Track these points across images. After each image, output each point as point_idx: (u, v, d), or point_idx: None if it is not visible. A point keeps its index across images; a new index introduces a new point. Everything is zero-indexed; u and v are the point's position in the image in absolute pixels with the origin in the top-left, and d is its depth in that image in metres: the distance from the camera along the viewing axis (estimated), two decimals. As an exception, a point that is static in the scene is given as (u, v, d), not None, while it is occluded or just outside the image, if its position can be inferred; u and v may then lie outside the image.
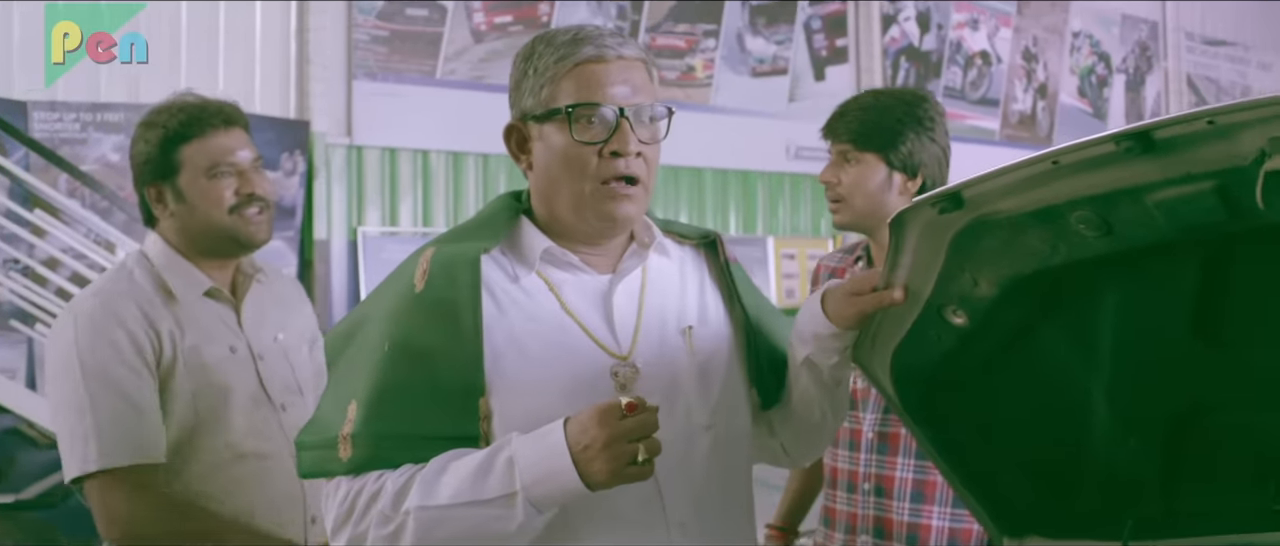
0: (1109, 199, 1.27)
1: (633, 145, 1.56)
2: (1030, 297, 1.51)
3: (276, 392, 2.16)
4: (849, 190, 2.28)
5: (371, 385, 1.52)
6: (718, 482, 1.64)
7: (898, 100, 2.32)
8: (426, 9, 7.90)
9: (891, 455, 2.27)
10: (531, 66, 1.62)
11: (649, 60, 1.63)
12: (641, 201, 1.60)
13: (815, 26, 10.04)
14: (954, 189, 1.38)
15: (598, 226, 1.61)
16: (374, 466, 1.50)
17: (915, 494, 2.24)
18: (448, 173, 7.96)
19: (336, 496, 1.52)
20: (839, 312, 1.62)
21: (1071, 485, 1.74)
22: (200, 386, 2.07)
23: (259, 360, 2.16)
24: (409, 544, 1.45)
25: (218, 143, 2.12)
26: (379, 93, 7.66)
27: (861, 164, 2.27)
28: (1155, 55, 13.05)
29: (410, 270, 1.60)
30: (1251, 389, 1.52)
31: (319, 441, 1.56)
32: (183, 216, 2.13)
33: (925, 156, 2.27)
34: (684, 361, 1.64)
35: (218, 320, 2.15)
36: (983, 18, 11.25)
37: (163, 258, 2.14)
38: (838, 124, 2.32)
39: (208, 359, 2.09)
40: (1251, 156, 1.13)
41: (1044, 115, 11.81)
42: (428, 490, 1.45)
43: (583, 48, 1.57)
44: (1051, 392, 1.67)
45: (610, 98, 1.56)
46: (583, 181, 1.57)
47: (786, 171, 9.72)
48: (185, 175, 2.12)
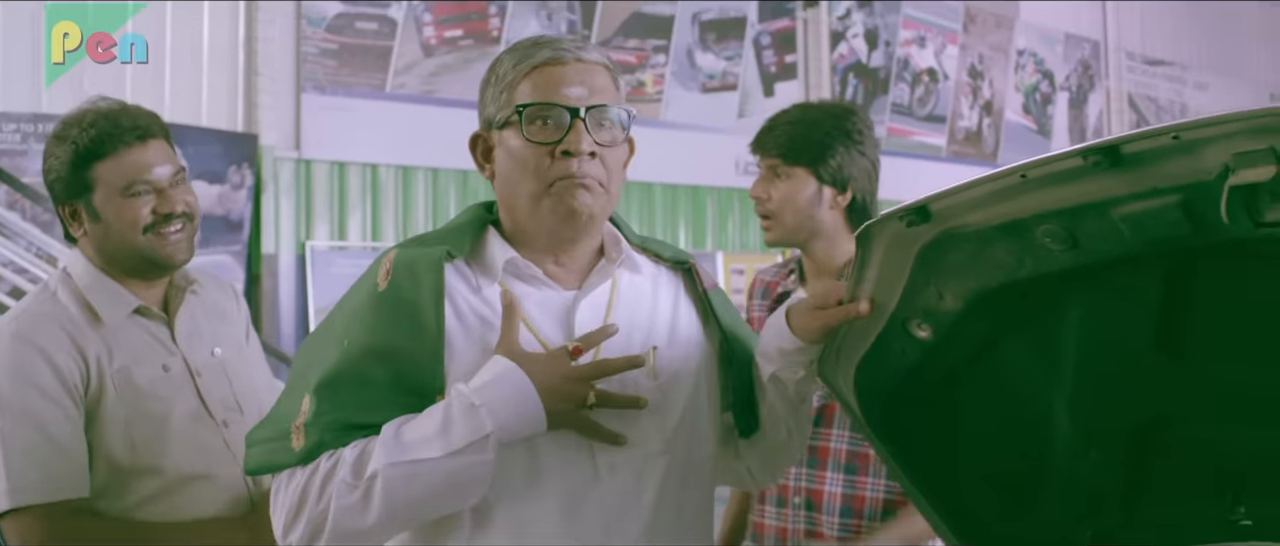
0: (1075, 213, 1.28)
1: (586, 145, 1.53)
2: (995, 311, 1.51)
3: (217, 409, 2.07)
4: (779, 206, 2.27)
5: (328, 377, 1.50)
6: (670, 510, 1.60)
7: (825, 114, 2.31)
8: (376, 22, 7.86)
9: (820, 469, 2.25)
10: (494, 73, 1.61)
11: (611, 65, 1.61)
12: (600, 198, 1.57)
13: (765, 42, 10.11)
14: (922, 202, 1.38)
15: (555, 225, 1.57)
16: (325, 451, 1.47)
17: (845, 509, 2.22)
18: (397, 187, 7.90)
19: (287, 488, 1.48)
20: (804, 326, 1.60)
21: (1032, 497, 1.75)
22: (133, 412, 1.96)
23: (197, 377, 2.07)
24: (378, 505, 1.43)
25: (133, 160, 2.00)
26: (328, 106, 7.60)
27: (791, 179, 2.25)
28: (1097, 74, 13.28)
29: (374, 272, 1.58)
30: (1212, 401, 1.54)
31: (271, 435, 1.53)
32: (98, 236, 2.02)
33: (855, 169, 2.26)
34: (646, 383, 1.60)
35: (149, 339, 2.04)
36: (930, 35, 11.39)
37: (86, 277, 2.03)
38: (767, 138, 2.30)
39: (140, 381, 1.98)
40: (1215, 171, 1.14)
41: (990, 132, 11.96)
42: (392, 449, 1.43)
43: (541, 51, 1.57)
44: (1014, 405, 1.68)
45: (565, 98, 1.54)
46: (536, 182, 1.54)
47: (736, 186, 9.76)
48: (99, 194, 2.00)
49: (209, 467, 2.03)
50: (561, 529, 1.51)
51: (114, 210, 2.00)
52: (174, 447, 1.99)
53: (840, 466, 2.22)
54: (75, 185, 2.01)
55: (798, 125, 2.28)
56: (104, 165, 1.99)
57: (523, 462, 1.51)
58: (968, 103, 11.73)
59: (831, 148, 2.23)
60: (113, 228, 2.00)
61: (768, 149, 2.29)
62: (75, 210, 2.03)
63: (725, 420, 1.75)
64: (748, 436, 1.76)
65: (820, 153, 2.23)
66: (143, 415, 1.97)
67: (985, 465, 1.76)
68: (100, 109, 2.04)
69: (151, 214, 2.00)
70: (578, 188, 1.54)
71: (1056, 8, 12.72)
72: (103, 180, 1.99)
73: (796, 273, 2.39)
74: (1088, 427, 1.65)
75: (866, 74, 10.81)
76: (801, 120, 2.29)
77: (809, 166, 2.23)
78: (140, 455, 1.97)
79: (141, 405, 1.98)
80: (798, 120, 2.29)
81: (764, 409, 1.73)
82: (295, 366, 1.62)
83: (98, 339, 1.98)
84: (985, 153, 11.78)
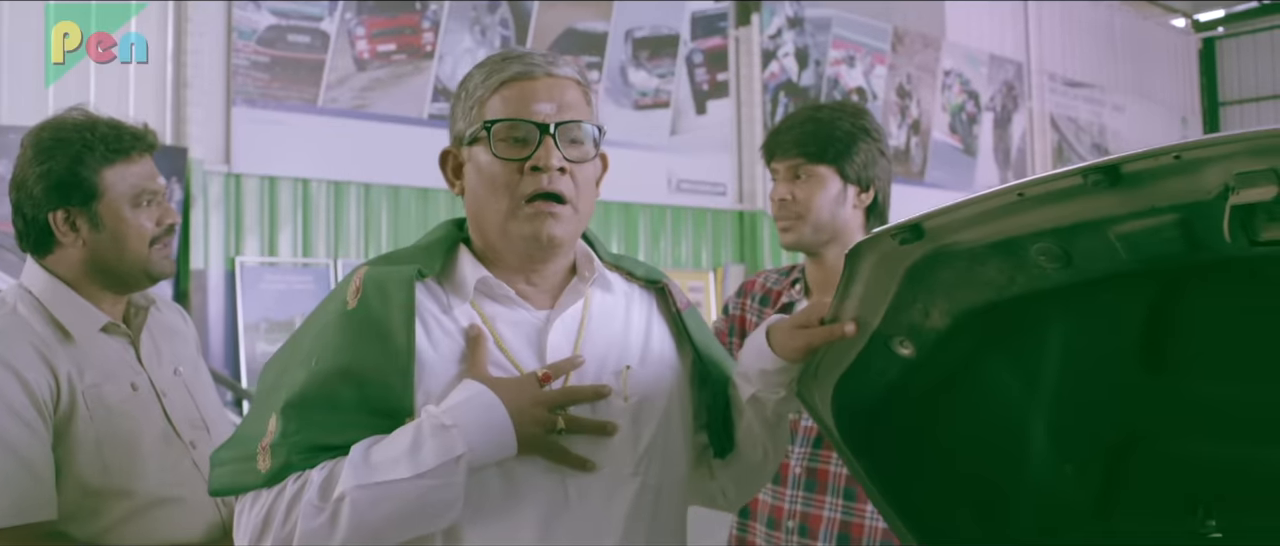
0: (1071, 231, 1.29)
1: (555, 160, 1.51)
2: (980, 328, 1.52)
3: (185, 429, 2.01)
4: (805, 205, 2.18)
5: (296, 397, 1.46)
6: (642, 533, 1.58)
7: (841, 112, 2.24)
8: (308, 35, 7.77)
9: (819, 493, 2.18)
10: (464, 89, 1.59)
11: (583, 80, 1.59)
12: (570, 222, 1.56)
13: (697, 60, 10.17)
14: (915, 220, 1.38)
15: (524, 248, 1.55)
16: (292, 472, 1.44)
17: (842, 536, 2.15)
18: (328, 202, 7.81)
19: (252, 510, 1.45)
20: (785, 346, 1.59)
21: (1005, 511, 1.76)
22: (105, 432, 1.90)
23: (163, 396, 2.01)
24: (346, 528, 1.40)
25: (142, 169, 1.98)
26: (259, 120, 7.50)
27: (814, 178, 2.18)
28: (1021, 94, 13.54)
29: (343, 290, 1.55)
30: (1189, 417, 1.56)
31: (236, 456, 1.49)
32: (97, 246, 1.95)
33: (877, 170, 2.21)
34: (617, 403, 1.58)
35: (117, 357, 1.98)
36: (859, 55, 11.54)
37: (49, 292, 1.95)
38: (783, 139, 2.22)
39: (111, 400, 1.92)
40: (1216, 191, 1.16)
41: (918, 150, 12.14)
42: (360, 471, 1.40)
43: (511, 65, 1.55)
44: (991, 421, 1.69)
45: (534, 113, 1.52)
46: (505, 199, 1.52)
47: (668, 204, 9.80)
48: (106, 202, 1.94)
49: (180, 490, 1.97)
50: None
51: (122, 220, 1.95)
52: (146, 468, 1.93)
53: (839, 492, 2.16)
54: (79, 190, 1.94)
55: (815, 124, 2.20)
56: (113, 171, 1.95)
57: (494, 485, 1.49)
58: (896, 122, 11.89)
59: (855, 145, 2.18)
60: (118, 237, 1.95)
61: (787, 149, 2.21)
62: (72, 217, 1.95)
63: (699, 440, 1.74)
64: (722, 457, 1.75)
65: (844, 149, 2.17)
66: (114, 435, 1.91)
67: (960, 480, 1.76)
68: (100, 116, 1.99)
69: (156, 225, 1.97)
70: (548, 217, 1.53)
71: (982, 29, 12.98)
72: (112, 187, 1.94)
73: (801, 282, 2.32)
74: (1064, 443, 1.67)
75: (797, 92, 10.91)
76: (817, 119, 2.22)
77: (833, 164, 2.17)
78: (112, 477, 1.90)
79: (113, 424, 1.91)
80: (813, 119, 2.22)
81: (741, 429, 1.71)
82: (261, 385, 1.59)
83: (67, 356, 1.91)
84: (913, 171, 11.95)
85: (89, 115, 1.99)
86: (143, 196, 1.97)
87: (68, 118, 1.99)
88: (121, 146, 1.96)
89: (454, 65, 8.27)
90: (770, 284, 2.41)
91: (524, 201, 1.52)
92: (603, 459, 1.55)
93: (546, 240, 1.54)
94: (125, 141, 1.96)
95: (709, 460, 1.77)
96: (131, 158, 1.97)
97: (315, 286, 7.47)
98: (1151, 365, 1.52)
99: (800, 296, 2.29)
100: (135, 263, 1.98)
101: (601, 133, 1.60)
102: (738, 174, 10.44)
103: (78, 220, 1.95)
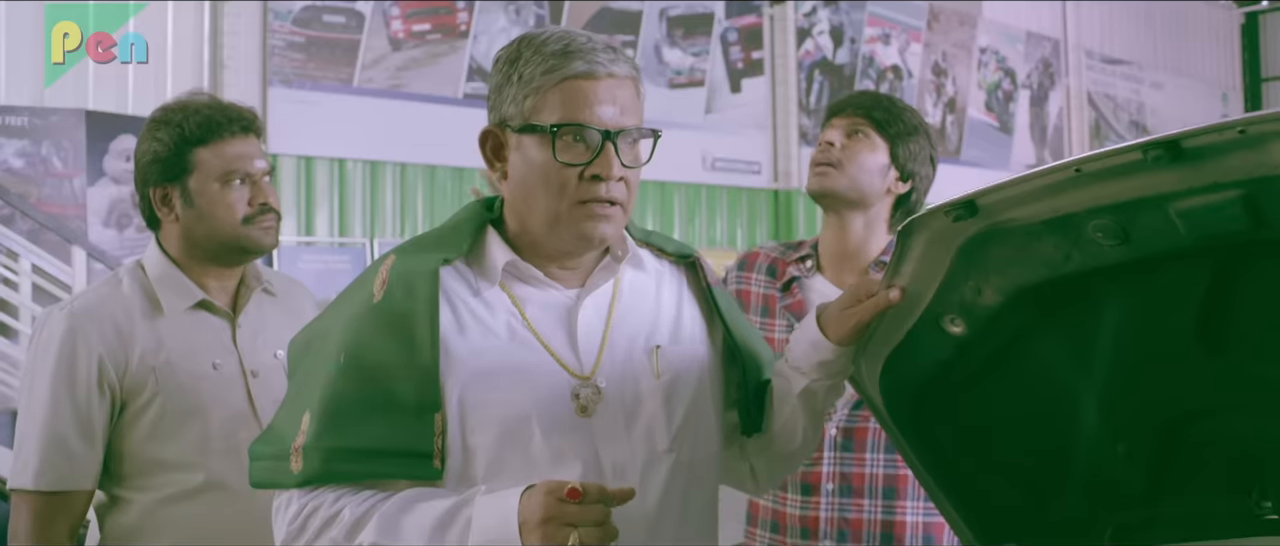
0: (1130, 207, 1.27)
1: (616, 170, 1.51)
2: (1033, 306, 1.51)
3: (267, 413, 1.97)
4: (850, 156, 2.21)
5: (325, 397, 1.48)
6: (676, 510, 1.58)
7: (912, 109, 2.32)
8: (344, 16, 7.79)
9: (858, 451, 2.18)
10: (516, 72, 1.54)
11: (637, 75, 1.58)
12: (619, 221, 1.55)
13: (732, 39, 10.12)
14: (970, 196, 1.38)
15: (573, 245, 1.55)
16: (326, 481, 1.46)
17: (888, 490, 2.16)
18: (364, 182, 7.85)
19: (288, 511, 1.48)
20: (839, 330, 1.60)
21: (1055, 491, 1.75)
22: (170, 407, 1.98)
23: (252, 377, 2.05)
24: None
25: (234, 150, 2.04)
26: (295, 100, 7.53)
27: (869, 141, 2.22)
28: (1058, 72, 13.42)
29: (370, 279, 1.56)
30: (1244, 396, 1.54)
31: (272, 452, 1.52)
32: (189, 221, 2.04)
33: (923, 170, 2.26)
34: (649, 382, 1.58)
35: (206, 335, 2.05)
36: (894, 33, 11.46)
37: (157, 268, 2.06)
38: (858, 100, 2.30)
39: (183, 378, 1.99)
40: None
41: (953, 128, 12.06)
42: (387, 529, 1.41)
43: (572, 62, 1.51)
44: (1043, 399, 1.67)
45: (597, 118, 1.50)
46: (561, 201, 1.51)
47: (703, 182, 9.77)
48: (196, 179, 2.02)
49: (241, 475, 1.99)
50: None
51: (210, 197, 2.02)
52: (208, 448, 1.99)
53: (880, 447, 2.16)
54: (173, 167, 2.03)
55: (889, 101, 2.29)
56: (206, 151, 2.02)
57: (532, 457, 1.49)
58: (931, 100, 11.82)
59: (915, 136, 2.23)
60: (206, 214, 2.03)
61: (857, 109, 2.26)
62: (167, 194, 2.04)
63: (729, 419, 1.74)
64: (752, 435, 1.75)
65: (905, 132, 2.23)
66: (178, 411, 1.98)
67: (1008, 458, 1.76)
68: (203, 99, 2.08)
69: (247, 204, 2.03)
70: (602, 219, 1.52)
71: (1018, 7, 12.85)
72: (203, 165, 2.02)
73: (812, 259, 2.31)
74: (1116, 421, 1.65)
75: (832, 71, 10.86)
76: (891, 100, 2.31)
77: (891, 140, 2.22)
78: (166, 451, 1.97)
79: (178, 400, 1.98)
80: (887, 97, 2.31)
81: (782, 418, 1.71)
82: (292, 371, 1.62)
83: (149, 331, 2.00)
84: (949, 150, 11.87)
85: (194, 99, 2.09)
86: (233, 175, 2.03)
87: (175, 102, 2.09)
88: (215, 127, 2.03)
89: (489, 44, 8.27)
90: (775, 254, 2.39)
91: (578, 204, 1.51)
92: (638, 435, 1.55)
93: (598, 240, 1.54)
94: (219, 122, 2.04)
95: (739, 439, 1.77)
96: (225, 138, 2.03)
97: (352, 266, 7.52)
98: (1208, 344, 1.50)
99: (810, 273, 2.29)
100: (226, 238, 2.04)
101: (656, 137, 1.58)
102: (773, 153, 10.40)
103: (172, 196, 2.05)
